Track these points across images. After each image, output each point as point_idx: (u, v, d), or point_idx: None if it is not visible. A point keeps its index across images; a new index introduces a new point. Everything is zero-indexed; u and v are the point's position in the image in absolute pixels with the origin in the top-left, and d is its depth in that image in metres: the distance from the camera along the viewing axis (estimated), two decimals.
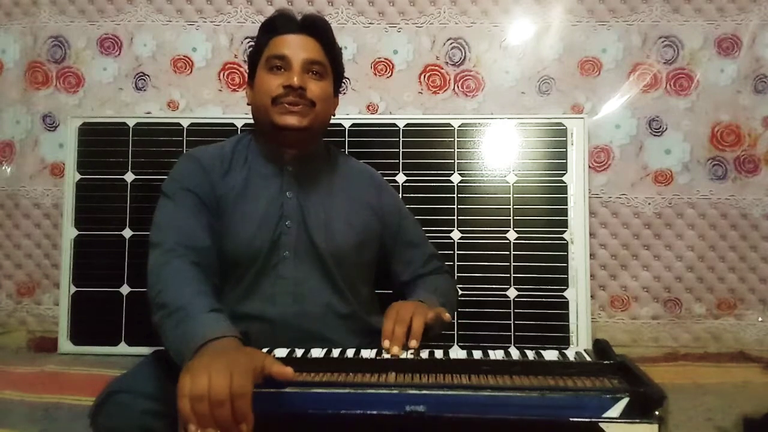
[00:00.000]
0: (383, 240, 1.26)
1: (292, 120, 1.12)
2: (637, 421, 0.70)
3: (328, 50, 1.18)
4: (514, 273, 1.82)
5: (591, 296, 1.84)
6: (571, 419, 0.72)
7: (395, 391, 0.75)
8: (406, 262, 1.28)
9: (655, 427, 0.70)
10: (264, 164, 1.18)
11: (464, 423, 0.73)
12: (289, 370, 0.77)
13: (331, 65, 1.19)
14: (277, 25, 1.17)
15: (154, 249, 1.05)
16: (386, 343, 0.96)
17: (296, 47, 1.14)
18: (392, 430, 0.74)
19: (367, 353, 0.93)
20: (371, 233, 1.22)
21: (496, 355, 0.90)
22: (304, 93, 1.12)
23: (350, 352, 0.94)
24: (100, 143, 1.92)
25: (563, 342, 1.78)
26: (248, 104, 1.21)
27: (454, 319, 1.28)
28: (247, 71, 1.24)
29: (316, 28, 1.18)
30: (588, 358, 0.88)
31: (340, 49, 1.25)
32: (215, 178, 1.14)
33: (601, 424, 0.70)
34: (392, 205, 1.29)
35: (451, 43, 1.95)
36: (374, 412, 0.73)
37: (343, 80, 1.28)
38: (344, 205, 1.20)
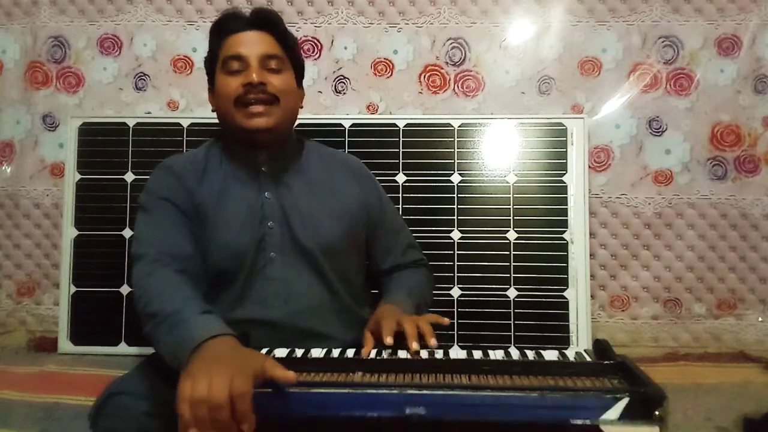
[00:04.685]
0: (365, 227, 1.24)
1: (259, 122, 1.10)
2: (638, 422, 0.70)
3: (282, 42, 1.16)
4: (514, 273, 1.82)
5: (591, 296, 1.84)
6: (571, 421, 0.71)
7: (395, 391, 0.75)
8: (386, 250, 1.27)
9: (656, 428, 0.69)
10: (239, 168, 1.17)
11: (464, 426, 0.73)
12: (290, 375, 0.76)
13: (288, 57, 1.17)
14: (227, 25, 1.15)
15: (137, 262, 1.05)
16: (389, 340, 0.95)
17: (250, 44, 1.12)
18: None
19: (367, 353, 0.93)
20: (357, 221, 1.21)
21: (496, 355, 0.90)
22: (266, 88, 1.10)
23: (350, 352, 0.94)
24: (100, 143, 1.92)
25: (563, 342, 1.78)
26: (212, 111, 1.19)
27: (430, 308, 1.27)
28: (207, 78, 1.21)
29: (268, 22, 1.15)
30: (588, 358, 0.88)
31: (296, 39, 1.22)
32: (191, 185, 1.13)
33: (601, 426, 0.70)
34: (374, 192, 1.28)
35: (451, 43, 1.95)
36: (375, 414, 0.73)
37: (303, 71, 1.24)
38: (326, 196, 1.18)
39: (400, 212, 1.76)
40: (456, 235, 1.85)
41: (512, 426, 0.73)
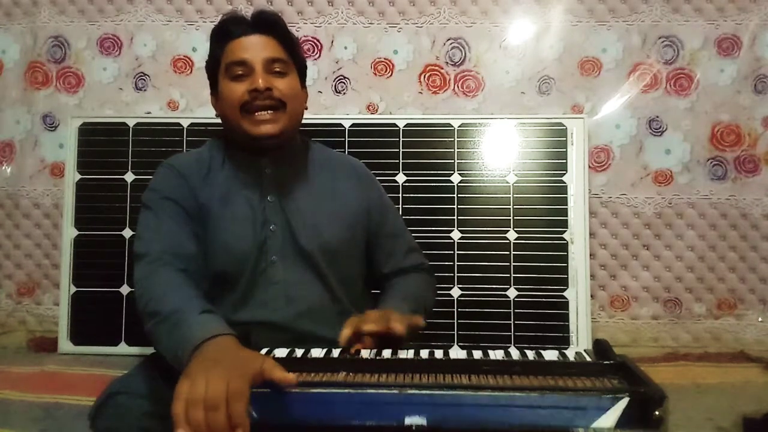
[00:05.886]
0: (367, 230, 1.24)
1: (266, 129, 1.10)
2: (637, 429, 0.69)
3: (286, 45, 1.15)
4: (514, 273, 1.82)
5: (591, 296, 1.84)
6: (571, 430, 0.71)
7: (395, 391, 0.75)
8: (388, 254, 1.26)
9: None
10: (242, 170, 1.17)
11: (465, 427, 0.73)
12: (290, 377, 0.75)
13: (292, 59, 1.16)
14: (229, 29, 1.14)
15: (139, 260, 1.05)
16: (345, 335, 0.95)
17: (254, 49, 1.11)
18: None
19: (367, 353, 0.92)
20: (359, 225, 1.21)
21: (496, 355, 0.90)
22: (272, 93, 1.10)
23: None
24: (100, 143, 1.92)
25: (563, 342, 1.78)
26: (216, 116, 1.19)
27: (430, 318, 1.27)
28: (208, 82, 1.20)
29: (270, 25, 1.15)
30: (588, 358, 0.88)
31: (298, 39, 1.22)
32: (195, 184, 1.13)
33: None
34: (376, 195, 1.27)
35: (451, 43, 1.95)
36: (374, 423, 0.73)
37: (306, 71, 1.24)
38: (329, 199, 1.18)
39: (400, 212, 1.76)
40: (456, 235, 1.85)
41: (512, 427, 0.73)
